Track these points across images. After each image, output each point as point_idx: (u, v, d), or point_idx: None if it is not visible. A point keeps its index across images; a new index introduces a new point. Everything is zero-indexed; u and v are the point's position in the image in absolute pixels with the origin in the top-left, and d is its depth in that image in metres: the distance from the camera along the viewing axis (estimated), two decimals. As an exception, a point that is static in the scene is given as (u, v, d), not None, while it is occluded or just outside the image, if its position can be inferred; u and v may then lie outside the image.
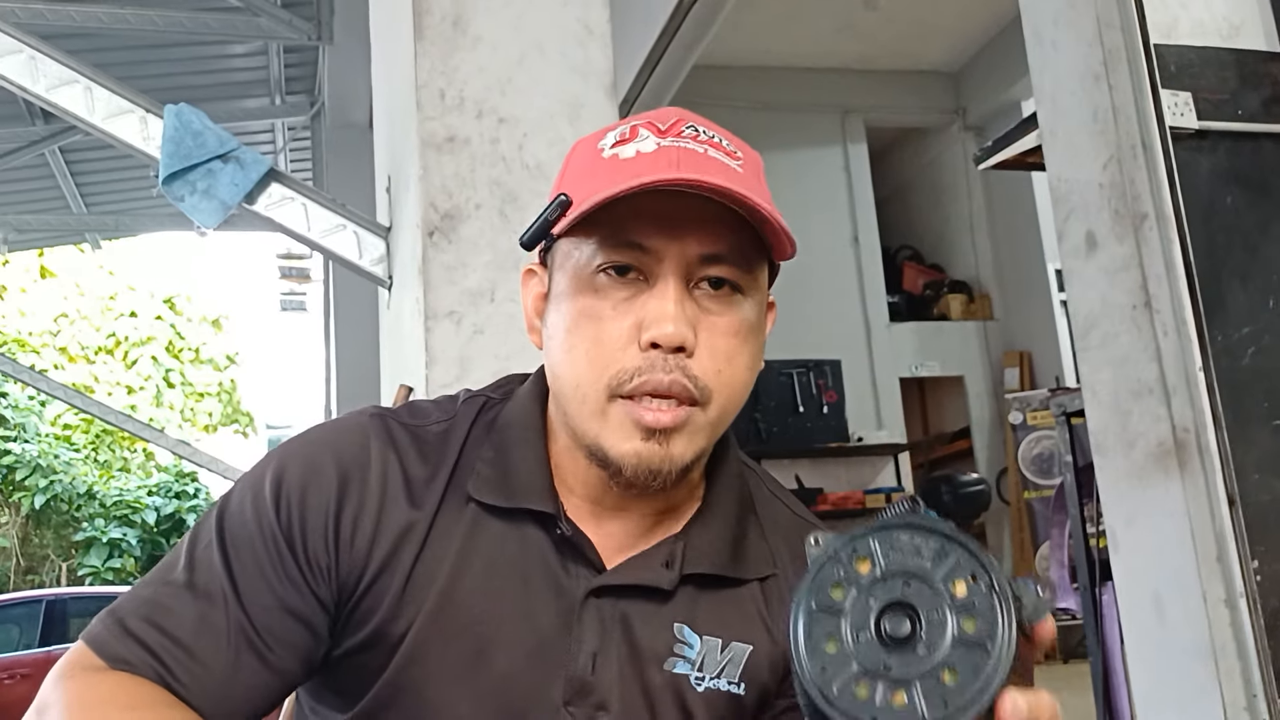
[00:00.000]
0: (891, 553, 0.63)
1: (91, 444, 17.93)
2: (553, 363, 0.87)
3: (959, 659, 0.60)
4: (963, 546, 0.62)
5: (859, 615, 0.62)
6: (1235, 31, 1.99)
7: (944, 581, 0.62)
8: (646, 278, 0.83)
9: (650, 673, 0.88)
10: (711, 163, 0.83)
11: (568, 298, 0.85)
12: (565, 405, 0.86)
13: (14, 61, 2.66)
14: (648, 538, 0.90)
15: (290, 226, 2.69)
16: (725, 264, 0.84)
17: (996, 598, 0.61)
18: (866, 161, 8.60)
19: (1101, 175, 1.94)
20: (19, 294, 19.39)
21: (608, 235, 0.83)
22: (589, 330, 0.83)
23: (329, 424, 0.92)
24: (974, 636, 0.60)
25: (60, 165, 7.61)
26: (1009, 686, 0.60)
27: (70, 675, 0.80)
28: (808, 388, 7.33)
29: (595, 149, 0.87)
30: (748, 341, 0.86)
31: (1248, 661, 1.66)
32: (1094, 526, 2.72)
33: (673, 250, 0.82)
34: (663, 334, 0.81)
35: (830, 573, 0.64)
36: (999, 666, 0.59)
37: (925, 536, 0.63)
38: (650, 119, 0.87)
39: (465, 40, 2.26)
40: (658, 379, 0.81)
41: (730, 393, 0.85)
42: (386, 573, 0.86)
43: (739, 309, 0.85)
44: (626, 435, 0.82)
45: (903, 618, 0.61)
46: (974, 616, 0.61)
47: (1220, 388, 1.75)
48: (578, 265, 0.85)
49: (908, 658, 0.60)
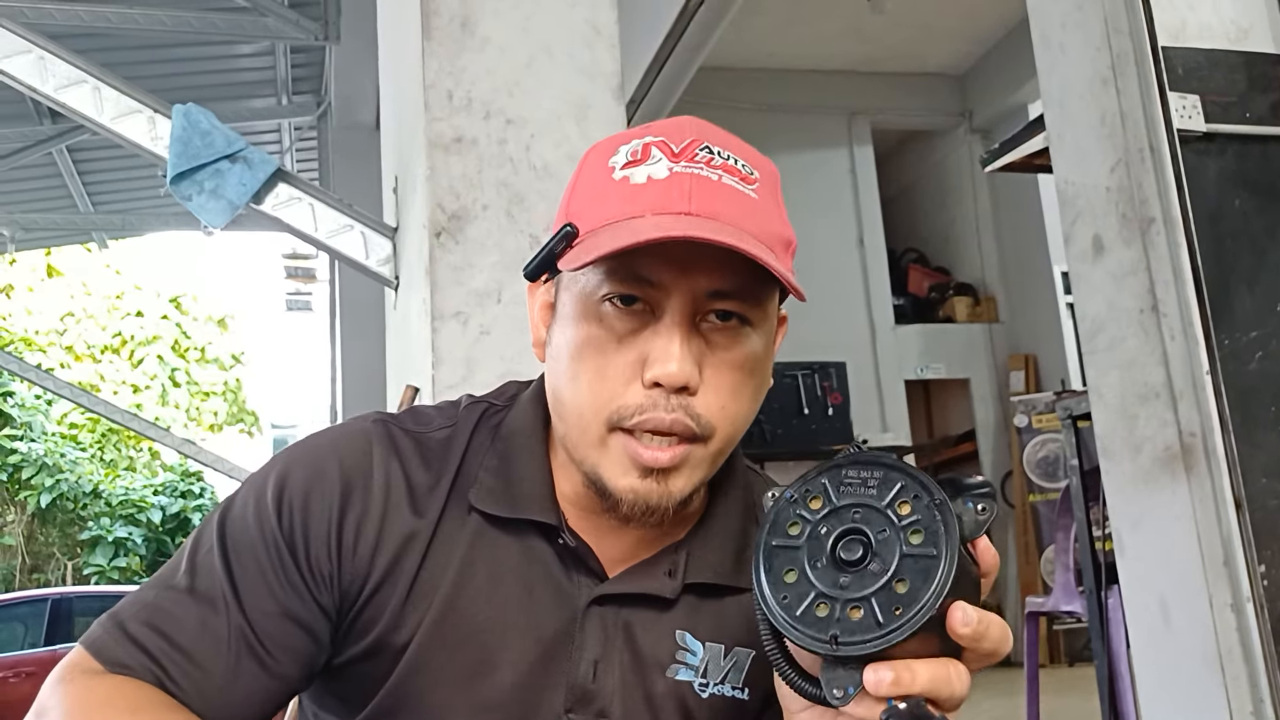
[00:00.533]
0: (841, 487, 0.68)
1: (97, 443, 17.96)
2: (554, 384, 0.87)
3: (908, 569, 0.64)
4: (904, 472, 0.67)
5: (815, 546, 0.67)
6: (1243, 34, 1.99)
7: (890, 505, 0.66)
8: (653, 310, 0.81)
9: (653, 680, 0.88)
10: (724, 192, 0.81)
11: (572, 322, 0.84)
12: (566, 429, 0.86)
13: (23, 61, 2.66)
14: (650, 546, 0.90)
15: (297, 226, 2.69)
16: (733, 300, 0.82)
17: (937, 511, 0.65)
18: (872, 163, 8.59)
19: (1109, 178, 1.94)
20: (26, 293, 19.43)
21: (615, 267, 0.81)
22: (592, 361, 0.82)
23: (332, 430, 0.92)
24: (920, 548, 0.64)
25: (67, 164, 7.63)
26: (958, 600, 0.64)
27: (69, 679, 0.80)
28: (812, 390, 7.31)
29: (606, 166, 0.85)
30: (753, 375, 0.85)
31: (1254, 666, 1.66)
32: (1100, 530, 2.72)
33: (680, 286, 0.80)
34: (666, 373, 0.79)
35: (787, 513, 0.69)
36: (947, 571, 0.63)
37: (870, 469, 0.68)
38: (664, 137, 0.85)
39: (473, 41, 2.26)
40: (659, 418, 0.80)
41: (733, 427, 0.84)
42: (389, 581, 0.85)
43: (746, 342, 0.84)
44: (624, 470, 0.82)
45: (855, 542, 0.66)
46: (919, 530, 0.65)
47: (1227, 391, 1.75)
48: (584, 291, 0.83)
49: (862, 576, 0.65)
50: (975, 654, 0.66)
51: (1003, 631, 0.66)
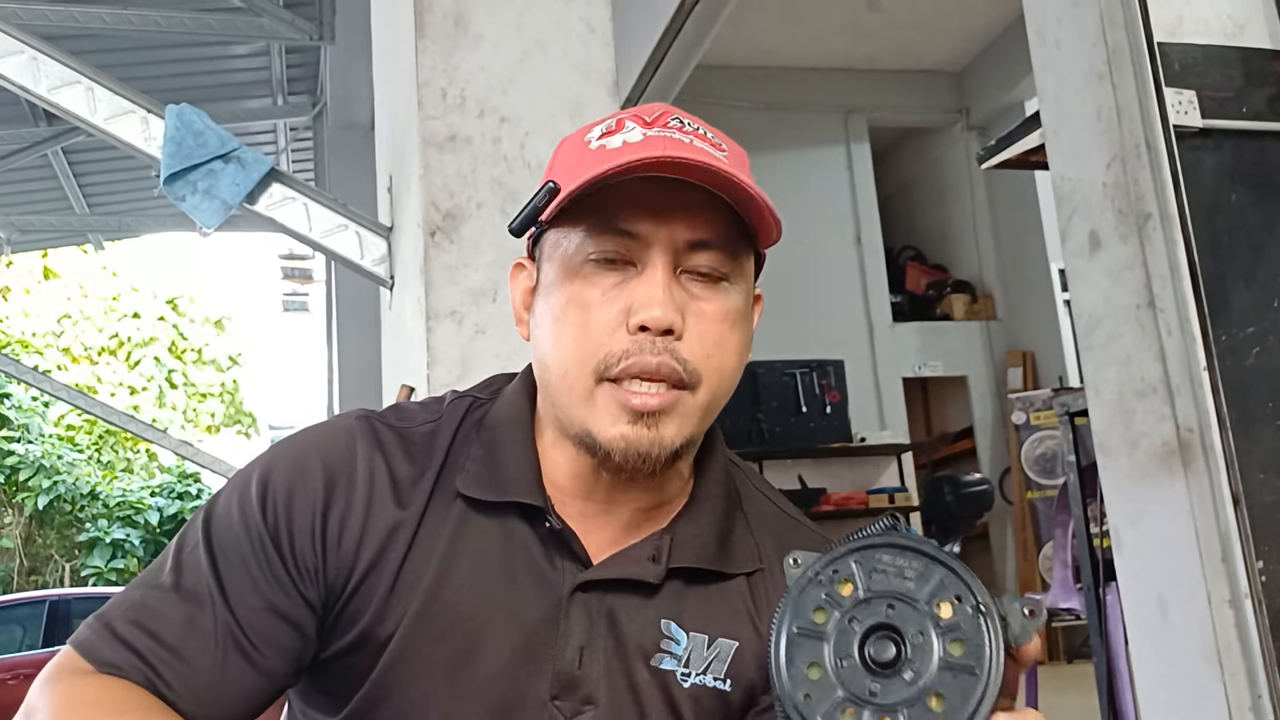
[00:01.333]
0: (874, 573, 0.62)
1: (95, 445, 17.95)
2: (541, 353, 0.88)
3: (946, 684, 0.58)
4: (946, 566, 0.61)
5: (842, 639, 0.61)
6: (1240, 29, 1.98)
7: (928, 603, 0.60)
8: (635, 264, 0.84)
9: (637, 668, 0.88)
10: (697, 150, 0.84)
11: (556, 286, 0.86)
12: (553, 394, 0.87)
13: (16, 62, 2.66)
14: (635, 532, 0.90)
15: (292, 226, 2.69)
16: (712, 250, 0.84)
17: (983, 619, 0.60)
18: (869, 161, 8.59)
19: (1105, 174, 1.94)
20: (23, 295, 19.41)
21: (596, 223, 0.83)
22: (577, 317, 0.84)
23: (315, 427, 0.93)
24: (961, 661, 0.59)
25: (63, 166, 7.62)
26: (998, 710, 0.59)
27: (57, 679, 0.80)
28: (810, 388, 7.32)
29: (582, 141, 0.88)
30: (736, 328, 0.86)
31: (1253, 662, 1.65)
32: (1097, 526, 2.71)
33: (660, 236, 0.83)
34: (651, 316, 0.81)
35: (812, 595, 0.62)
36: (987, 691, 0.58)
37: (908, 556, 0.62)
38: (636, 112, 0.88)
39: (467, 39, 2.26)
40: (645, 360, 0.81)
41: (720, 378, 0.85)
42: (374, 573, 0.86)
43: (726, 295, 0.85)
44: (614, 419, 0.82)
45: (887, 642, 0.60)
46: (960, 640, 0.59)
47: (1225, 387, 1.74)
48: (566, 254, 0.85)
49: (893, 684, 0.59)
50: None
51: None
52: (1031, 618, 0.61)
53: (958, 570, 0.61)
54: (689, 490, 0.93)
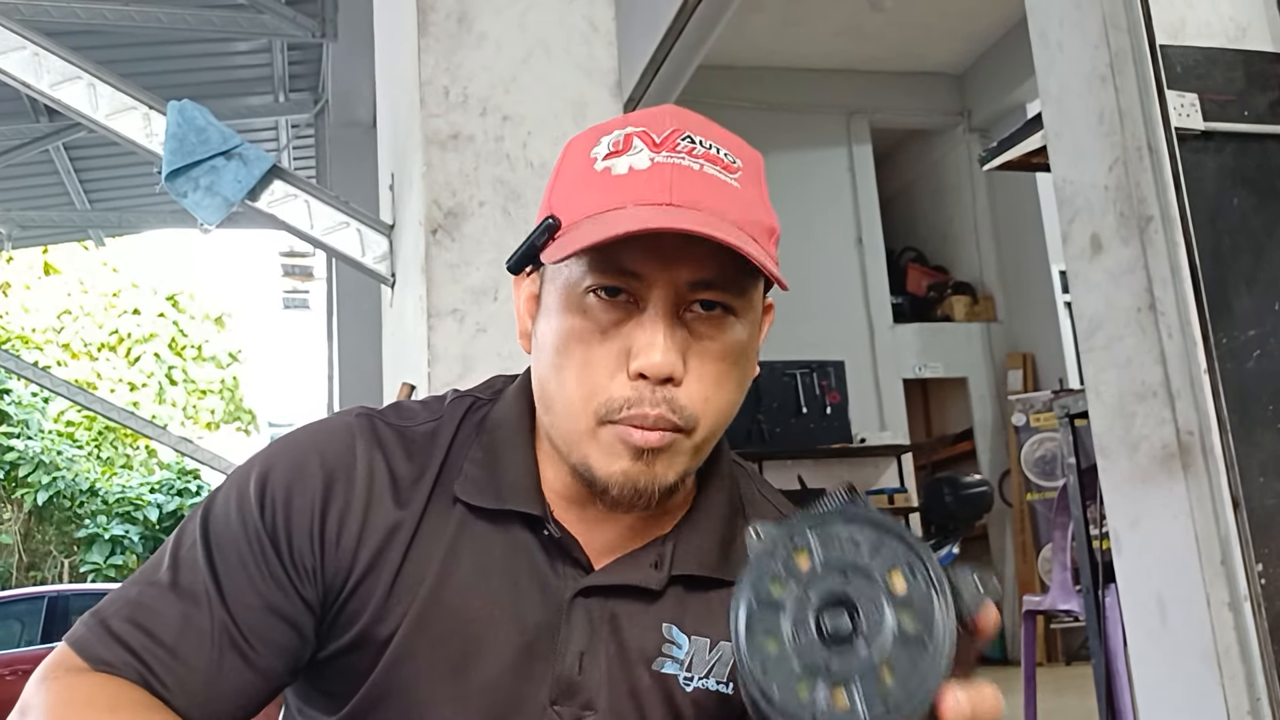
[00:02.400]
0: (830, 545, 0.62)
1: (94, 441, 17.95)
2: (540, 377, 0.86)
3: (898, 655, 0.59)
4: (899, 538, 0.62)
5: (798, 611, 0.61)
6: (1242, 33, 1.98)
7: (881, 574, 0.61)
8: (636, 301, 0.81)
9: (638, 673, 0.87)
10: (706, 182, 0.81)
11: (557, 314, 0.84)
12: (554, 419, 0.85)
13: (18, 58, 2.66)
14: (637, 538, 0.90)
15: (293, 223, 2.69)
16: (715, 290, 0.82)
17: (934, 591, 0.60)
18: (871, 163, 8.58)
19: (1107, 177, 1.94)
20: (23, 290, 19.41)
21: (598, 259, 0.81)
22: (578, 353, 0.82)
23: (314, 424, 0.92)
24: (912, 632, 0.59)
25: (64, 162, 7.62)
26: (950, 681, 0.59)
27: (53, 677, 0.80)
28: (811, 389, 7.32)
29: (588, 158, 0.85)
30: (737, 364, 0.85)
31: (1251, 665, 1.65)
32: (1097, 529, 2.71)
33: (663, 277, 0.80)
34: (650, 364, 0.79)
35: (769, 566, 0.63)
36: (938, 662, 0.58)
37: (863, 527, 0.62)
38: (646, 127, 0.85)
39: (470, 38, 2.26)
40: (644, 413, 0.80)
41: (717, 417, 0.84)
42: (373, 573, 0.85)
43: (730, 331, 0.83)
44: (615, 456, 0.82)
45: (842, 614, 0.60)
46: (912, 611, 0.60)
47: (1225, 390, 1.74)
48: (568, 283, 0.83)
49: (847, 655, 0.60)
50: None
51: (994, 703, 0.62)
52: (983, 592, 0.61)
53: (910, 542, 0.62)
54: (692, 496, 0.92)
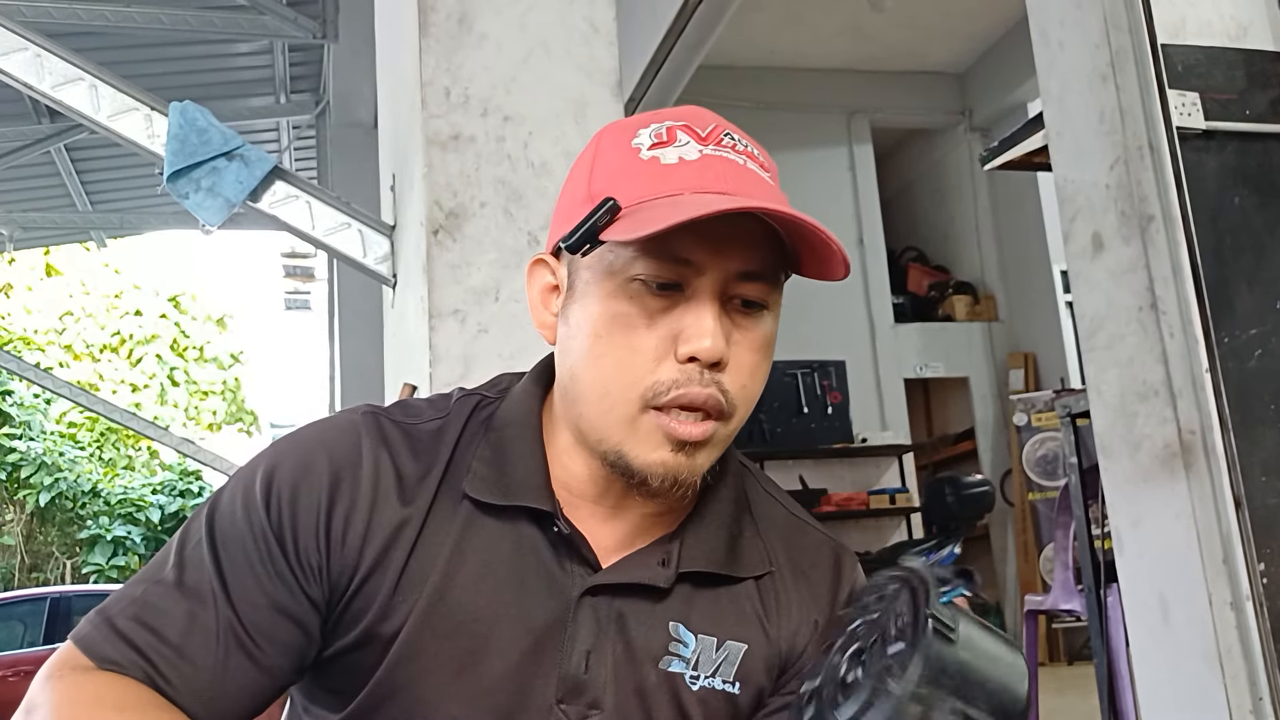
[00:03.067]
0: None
1: (96, 442, 17.95)
2: (573, 364, 0.86)
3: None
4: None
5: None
6: (1243, 31, 1.98)
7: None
8: (683, 288, 0.82)
9: (645, 672, 0.87)
10: (752, 177, 0.83)
11: (597, 300, 0.84)
12: (585, 409, 0.85)
13: (19, 59, 2.66)
14: (644, 536, 0.90)
15: (294, 224, 2.69)
16: (759, 282, 0.84)
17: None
18: (872, 162, 8.58)
19: (1108, 176, 1.94)
20: (25, 292, 19.42)
21: (650, 246, 0.81)
22: (622, 339, 0.82)
23: (320, 422, 0.92)
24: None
25: (66, 163, 7.63)
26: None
27: (59, 675, 0.80)
28: (812, 388, 7.32)
29: (630, 147, 0.85)
30: (768, 356, 0.87)
31: (1254, 664, 1.65)
32: (1099, 528, 2.71)
33: (715, 265, 0.82)
34: (702, 348, 0.80)
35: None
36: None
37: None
38: (686, 121, 0.86)
39: (471, 38, 2.26)
40: (694, 392, 0.81)
41: (750, 406, 0.86)
42: (378, 571, 0.85)
43: (764, 324, 0.85)
44: (655, 446, 0.82)
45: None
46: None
47: (1227, 390, 1.74)
48: (612, 268, 0.83)
49: None
50: None
51: None
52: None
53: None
54: (698, 494, 0.92)
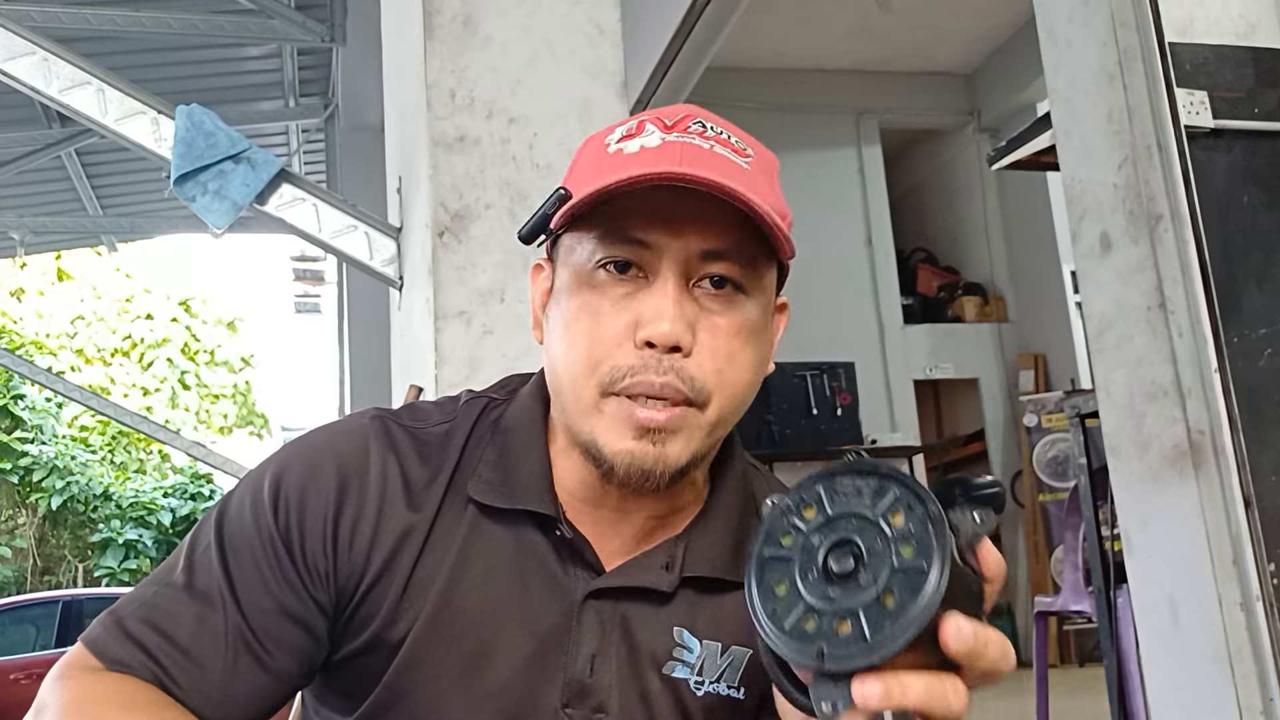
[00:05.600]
0: (835, 496, 0.66)
1: (108, 445, 18.02)
2: (551, 358, 0.87)
3: (898, 583, 0.62)
4: (899, 481, 0.65)
5: (806, 557, 0.65)
6: (1252, 29, 1.97)
7: (883, 516, 0.64)
8: (646, 274, 0.81)
9: (649, 676, 0.87)
10: (715, 159, 0.82)
11: (568, 294, 0.84)
12: (562, 401, 0.85)
13: (27, 64, 2.67)
14: (648, 540, 0.89)
15: (301, 227, 2.69)
16: (727, 261, 0.82)
17: (930, 523, 0.63)
18: (881, 163, 8.56)
19: (1116, 175, 1.93)
20: (37, 296, 19.51)
21: (608, 231, 0.81)
22: (586, 325, 0.82)
23: (329, 426, 0.92)
24: (912, 562, 0.62)
25: (76, 168, 7.66)
26: (953, 611, 0.62)
27: (68, 676, 0.80)
28: (821, 390, 7.30)
29: (602, 144, 0.86)
30: (750, 342, 0.84)
31: (1264, 665, 1.64)
32: (1108, 529, 2.70)
33: (673, 247, 0.81)
34: (658, 333, 0.79)
35: (781, 523, 0.67)
36: (937, 586, 0.61)
37: (866, 478, 0.66)
38: (658, 115, 0.86)
39: (475, 40, 2.26)
40: (649, 380, 0.80)
41: (731, 394, 0.83)
42: (385, 576, 0.85)
43: (741, 309, 0.83)
44: (620, 434, 0.81)
45: (846, 554, 0.64)
46: (910, 543, 0.63)
47: (1236, 389, 1.73)
48: (579, 261, 0.84)
49: (851, 589, 0.63)
50: (972, 670, 0.63)
51: (1002, 648, 0.63)
52: (979, 523, 0.65)
53: (909, 484, 0.65)
54: (704, 497, 0.92)
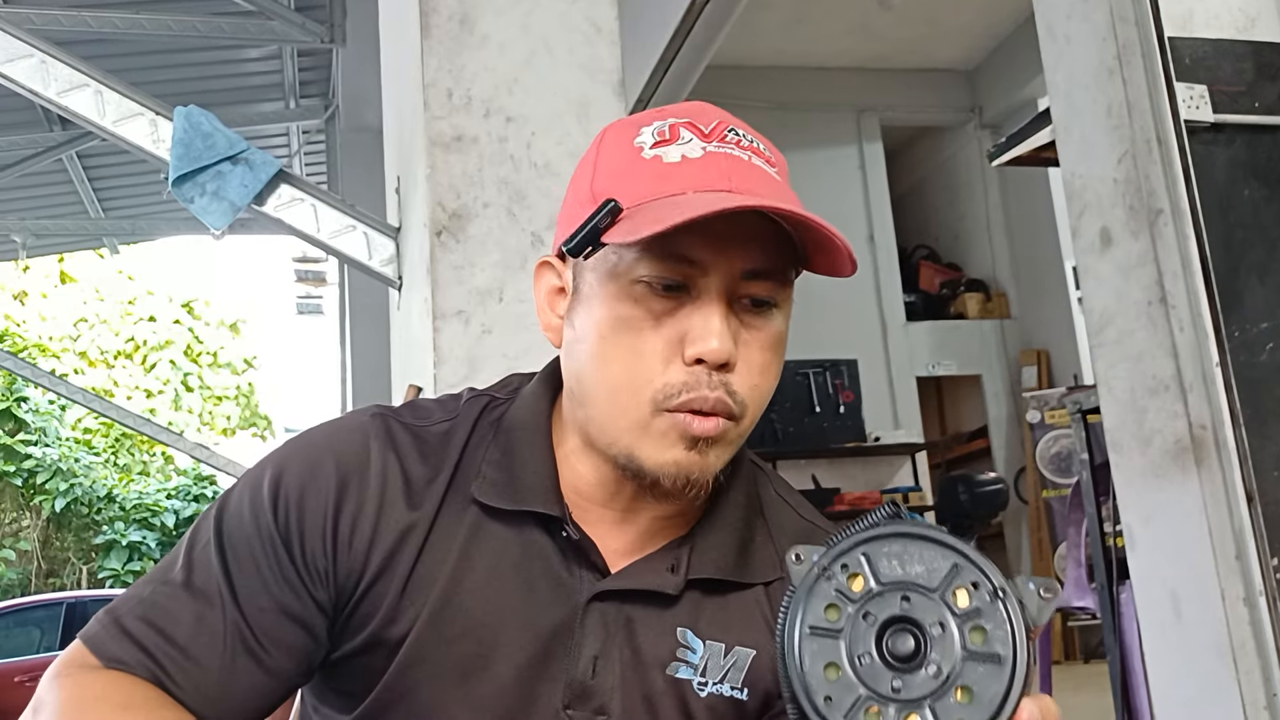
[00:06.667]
0: (883, 564, 0.59)
1: (111, 448, 18.04)
2: (579, 367, 0.85)
3: (971, 675, 0.56)
4: (958, 551, 0.59)
5: (858, 636, 0.58)
6: (1251, 23, 1.97)
7: (944, 592, 0.58)
8: (689, 289, 0.81)
9: (652, 678, 0.86)
10: (757, 173, 0.83)
11: (602, 302, 0.83)
12: (594, 413, 0.84)
13: (25, 66, 2.67)
14: (653, 541, 0.89)
15: (300, 228, 2.69)
16: (767, 280, 0.83)
17: (1002, 604, 0.57)
18: (882, 160, 8.56)
19: (1116, 170, 1.92)
20: (39, 299, 19.54)
21: (653, 246, 0.80)
22: (628, 341, 0.81)
23: (329, 424, 0.91)
24: (984, 649, 0.56)
25: (78, 170, 7.66)
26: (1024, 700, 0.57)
27: (66, 674, 0.80)
28: (824, 387, 7.30)
29: (632, 146, 0.84)
30: (778, 354, 0.86)
31: (1267, 660, 1.64)
32: (1111, 525, 2.69)
33: (720, 265, 0.81)
34: (709, 350, 0.79)
35: (821, 592, 0.59)
36: (1015, 679, 0.56)
37: (917, 544, 0.59)
38: (689, 118, 0.85)
39: (472, 39, 2.26)
40: (703, 396, 0.80)
41: (762, 404, 0.85)
42: (385, 575, 0.85)
43: (774, 323, 0.84)
44: (669, 446, 0.81)
45: (906, 635, 0.57)
46: (981, 627, 0.57)
47: (1238, 384, 1.73)
48: (616, 270, 0.82)
49: (916, 677, 0.57)
50: None
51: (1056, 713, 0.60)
52: (1047, 599, 0.58)
53: (970, 555, 0.59)
54: (709, 498, 0.91)
